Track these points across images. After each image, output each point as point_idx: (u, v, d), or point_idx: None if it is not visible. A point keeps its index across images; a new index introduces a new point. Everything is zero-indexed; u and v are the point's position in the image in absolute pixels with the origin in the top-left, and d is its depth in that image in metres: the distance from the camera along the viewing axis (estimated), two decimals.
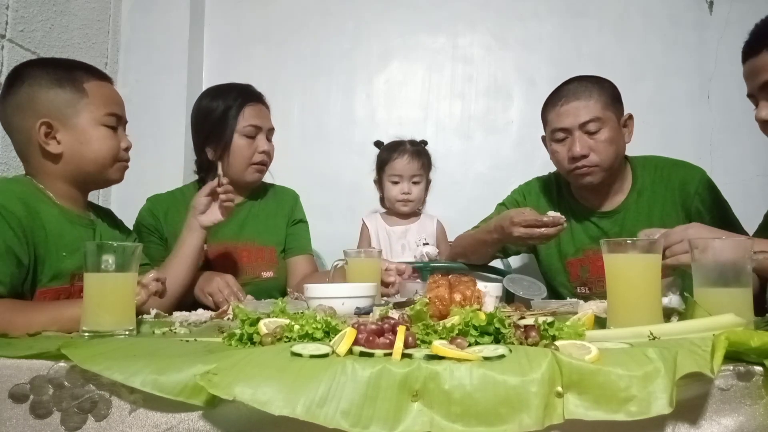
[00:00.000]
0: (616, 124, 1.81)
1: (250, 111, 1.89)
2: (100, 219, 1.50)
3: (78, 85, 1.37)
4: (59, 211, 1.35)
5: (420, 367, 0.71)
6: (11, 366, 0.79)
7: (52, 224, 1.30)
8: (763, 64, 1.31)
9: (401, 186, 2.30)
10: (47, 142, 1.34)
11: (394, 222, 2.36)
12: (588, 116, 1.78)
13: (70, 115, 1.35)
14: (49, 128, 1.34)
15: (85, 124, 1.37)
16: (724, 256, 0.98)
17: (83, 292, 1.07)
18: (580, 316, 1.06)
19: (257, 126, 1.89)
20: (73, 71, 1.39)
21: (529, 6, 2.84)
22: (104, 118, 1.39)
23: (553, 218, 1.69)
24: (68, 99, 1.35)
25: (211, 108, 1.91)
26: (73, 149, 1.36)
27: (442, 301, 1.11)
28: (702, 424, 0.71)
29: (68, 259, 1.31)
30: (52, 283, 1.28)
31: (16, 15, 2.09)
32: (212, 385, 0.70)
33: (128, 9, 2.78)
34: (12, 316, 1.11)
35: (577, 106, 1.79)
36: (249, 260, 1.92)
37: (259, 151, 1.89)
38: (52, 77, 1.36)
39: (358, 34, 2.91)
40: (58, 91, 1.35)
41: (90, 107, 1.37)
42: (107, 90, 1.43)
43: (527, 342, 0.81)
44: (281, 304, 0.98)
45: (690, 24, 2.72)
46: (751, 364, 0.73)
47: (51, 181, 1.37)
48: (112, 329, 1.04)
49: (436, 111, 2.88)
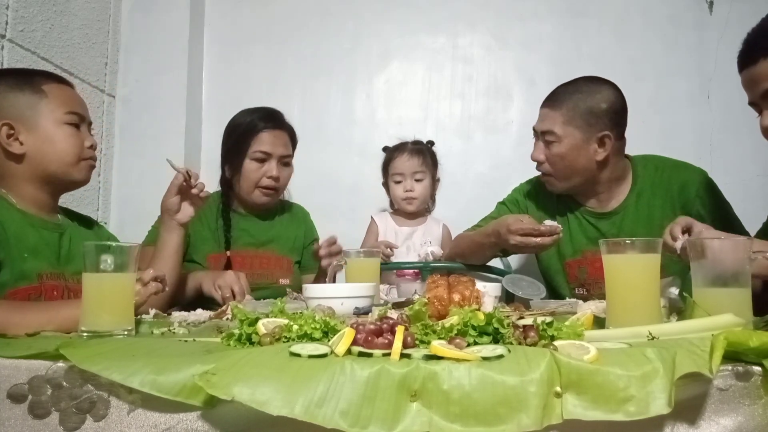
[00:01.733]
0: (577, 142, 1.77)
1: (263, 136, 1.94)
2: (74, 223, 1.50)
3: (36, 87, 1.39)
4: (21, 216, 1.36)
5: (419, 367, 0.71)
6: (9, 366, 0.79)
7: (12, 227, 1.31)
8: (761, 72, 1.31)
9: (404, 184, 2.30)
10: (9, 143, 1.36)
11: (401, 222, 2.36)
12: (545, 127, 1.81)
13: (31, 116, 1.37)
14: (11, 129, 1.35)
15: (46, 124, 1.38)
16: (723, 256, 0.98)
17: (82, 292, 1.06)
18: (579, 316, 1.06)
19: (267, 152, 1.94)
20: (31, 75, 1.43)
21: (529, 6, 2.83)
22: (66, 116, 1.40)
23: (549, 227, 1.69)
24: (28, 100, 1.38)
25: (233, 127, 2.00)
26: (35, 149, 1.37)
27: (441, 301, 1.11)
28: (701, 424, 0.71)
29: (31, 261, 1.31)
30: (18, 284, 1.28)
31: (16, 15, 2.09)
32: (211, 386, 0.70)
33: (128, 9, 2.78)
34: (9, 315, 1.10)
35: (545, 112, 1.83)
36: (269, 266, 1.99)
37: (267, 176, 1.93)
38: (10, 82, 1.39)
39: (358, 34, 2.91)
40: (17, 94, 1.37)
41: (50, 107, 1.39)
42: (68, 91, 1.46)
43: (526, 342, 0.81)
44: (280, 305, 0.98)
45: (690, 24, 2.71)
46: (749, 364, 0.73)
47: (15, 184, 1.38)
48: (111, 329, 1.04)
49: (436, 111, 2.88)
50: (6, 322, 1.08)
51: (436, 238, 2.33)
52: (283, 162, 1.98)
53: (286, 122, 2.03)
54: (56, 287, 1.33)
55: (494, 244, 1.87)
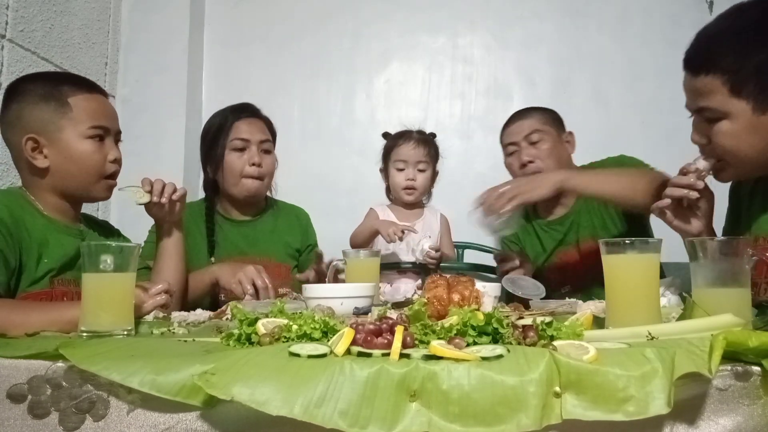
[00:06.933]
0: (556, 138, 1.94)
1: (239, 125, 1.91)
2: (91, 230, 1.50)
3: (63, 99, 1.38)
4: (45, 221, 1.36)
5: (418, 367, 0.71)
6: (9, 366, 0.79)
7: (36, 232, 1.31)
8: (700, 87, 1.27)
9: (406, 173, 2.25)
10: (34, 157, 1.36)
11: (401, 216, 2.30)
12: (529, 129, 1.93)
13: (54, 130, 1.36)
14: (35, 143, 1.35)
15: (69, 139, 1.37)
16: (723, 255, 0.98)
17: (82, 292, 1.07)
18: (578, 316, 1.06)
19: (245, 139, 1.90)
20: (59, 85, 1.40)
21: (529, 6, 2.84)
22: (89, 131, 1.39)
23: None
24: (52, 114, 1.37)
25: (208, 127, 1.98)
26: (58, 164, 1.37)
27: (441, 301, 1.11)
28: (700, 424, 0.71)
29: (48, 265, 1.32)
30: (32, 288, 1.29)
31: (16, 15, 2.09)
32: (210, 386, 0.70)
33: (128, 9, 2.78)
34: (10, 315, 1.10)
35: (520, 123, 1.98)
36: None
37: (249, 163, 1.89)
38: (38, 93, 1.37)
39: (358, 35, 2.91)
40: (42, 107, 1.36)
41: (73, 121, 1.38)
42: (94, 103, 1.43)
43: (525, 342, 0.81)
44: (279, 305, 0.98)
45: (690, 24, 2.68)
46: (749, 364, 0.73)
47: (40, 194, 1.39)
48: (111, 329, 1.04)
49: (436, 111, 2.88)
50: (7, 323, 1.08)
51: (435, 231, 2.30)
52: (264, 149, 1.92)
53: (260, 112, 1.99)
54: (66, 293, 1.33)
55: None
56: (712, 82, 1.23)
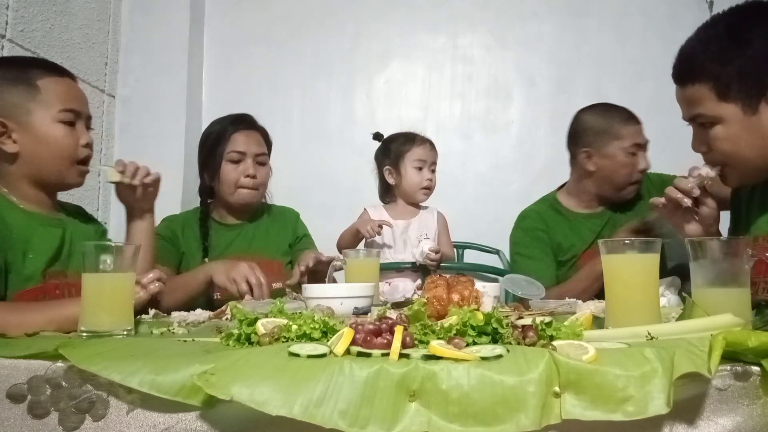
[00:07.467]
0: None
1: (237, 137, 1.96)
2: (70, 218, 1.47)
3: (31, 82, 1.34)
4: (25, 216, 1.33)
5: (417, 367, 0.71)
6: (8, 366, 0.79)
7: (17, 229, 1.29)
8: (690, 97, 1.32)
9: (425, 172, 2.24)
10: (3, 142, 1.32)
11: (397, 215, 2.30)
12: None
13: (22, 113, 1.32)
14: (3, 127, 1.31)
15: (39, 123, 1.33)
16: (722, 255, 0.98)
17: (81, 292, 1.06)
18: (578, 316, 1.06)
19: (241, 152, 1.95)
20: (28, 69, 1.36)
21: (529, 6, 2.84)
22: (60, 114, 1.35)
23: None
24: (21, 97, 1.33)
25: (206, 136, 2.03)
26: (28, 149, 1.33)
27: (440, 301, 1.11)
28: (699, 424, 0.70)
29: (36, 260, 1.29)
30: (25, 285, 1.27)
31: (16, 15, 2.09)
32: (209, 386, 0.70)
33: (128, 9, 2.78)
34: (7, 317, 1.10)
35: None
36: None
37: (244, 175, 1.95)
38: (6, 77, 1.33)
39: (358, 34, 2.91)
40: (11, 90, 1.32)
41: (44, 104, 1.34)
42: (64, 86, 1.39)
43: (525, 342, 0.81)
44: (279, 305, 0.98)
45: (690, 24, 2.67)
46: (748, 364, 0.73)
47: (13, 184, 1.35)
48: (110, 329, 1.04)
49: (436, 111, 2.88)
50: (5, 324, 1.07)
51: (432, 229, 2.29)
52: (259, 161, 1.99)
53: (257, 124, 2.04)
54: (59, 286, 1.32)
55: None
56: (699, 89, 1.28)
